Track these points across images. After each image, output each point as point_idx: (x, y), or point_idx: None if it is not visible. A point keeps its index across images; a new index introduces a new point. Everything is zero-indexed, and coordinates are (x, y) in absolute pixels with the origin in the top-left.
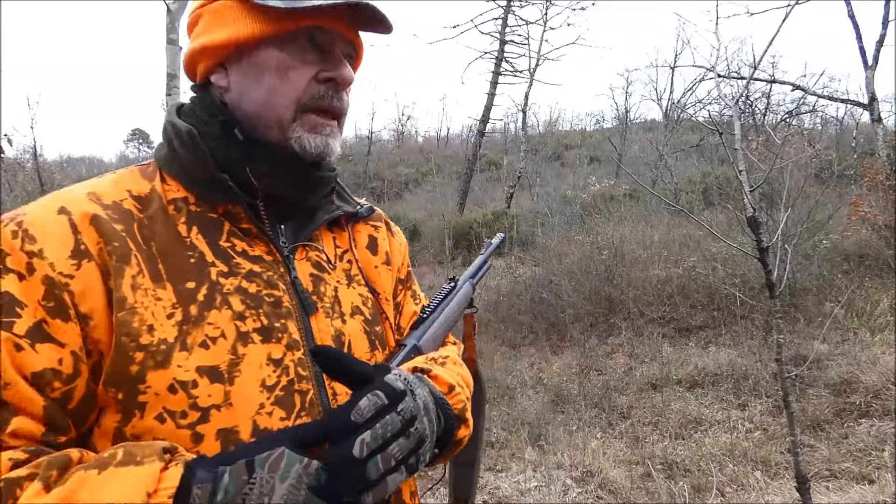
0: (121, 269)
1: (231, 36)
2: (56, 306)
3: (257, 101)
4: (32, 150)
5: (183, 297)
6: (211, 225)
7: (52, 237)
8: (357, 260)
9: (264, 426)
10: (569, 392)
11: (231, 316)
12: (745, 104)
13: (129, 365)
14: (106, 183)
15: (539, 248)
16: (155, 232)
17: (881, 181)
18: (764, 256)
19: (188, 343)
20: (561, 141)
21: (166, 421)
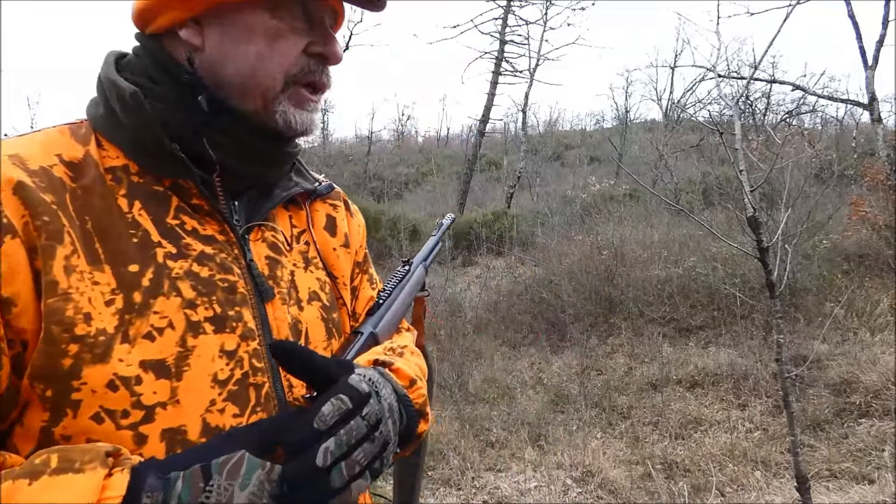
0: (51, 248)
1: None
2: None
3: (240, 68)
4: None
5: (125, 281)
6: (156, 199)
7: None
8: (315, 241)
9: (215, 424)
10: (569, 392)
11: (180, 304)
12: (746, 104)
13: (61, 358)
14: (31, 144)
15: (539, 248)
16: (90, 205)
17: (881, 181)
18: (764, 256)
19: (131, 334)
20: (561, 141)
21: (104, 421)
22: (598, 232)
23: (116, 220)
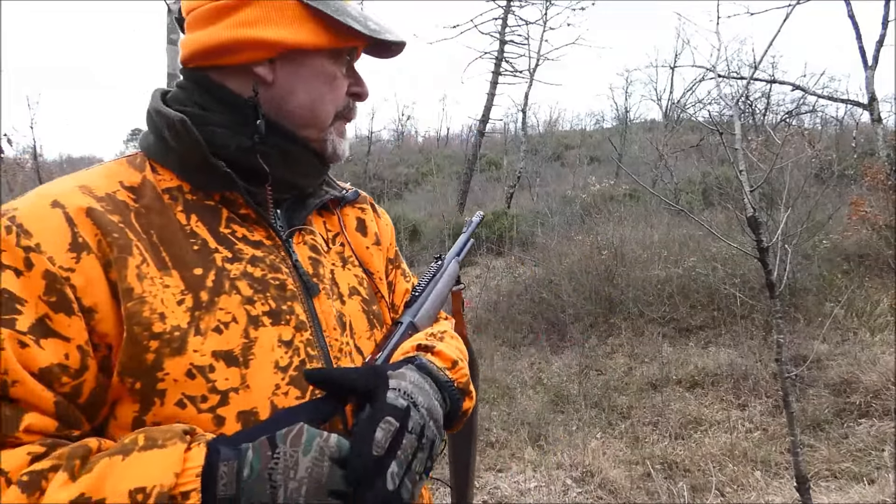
0: (123, 260)
1: (292, 38)
2: (58, 301)
3: (304, 102)
4: (32, 150)
5: (191, 283)
6: (209, 212)
7: (48, 231)
8: (349, 242)
9: (282, 406)
10: (569, 392)
11: (241, 301)
12: (745, 104)
13: (144, 354)
14: (96, 175)
15: (539, 248)
16: (152, 221)
17: (881, 181)
18: (764, 256)
19: (202, 328)
20: (561, 141)
21: (187, 406)
22: (598, 232)
23: (177, 232)
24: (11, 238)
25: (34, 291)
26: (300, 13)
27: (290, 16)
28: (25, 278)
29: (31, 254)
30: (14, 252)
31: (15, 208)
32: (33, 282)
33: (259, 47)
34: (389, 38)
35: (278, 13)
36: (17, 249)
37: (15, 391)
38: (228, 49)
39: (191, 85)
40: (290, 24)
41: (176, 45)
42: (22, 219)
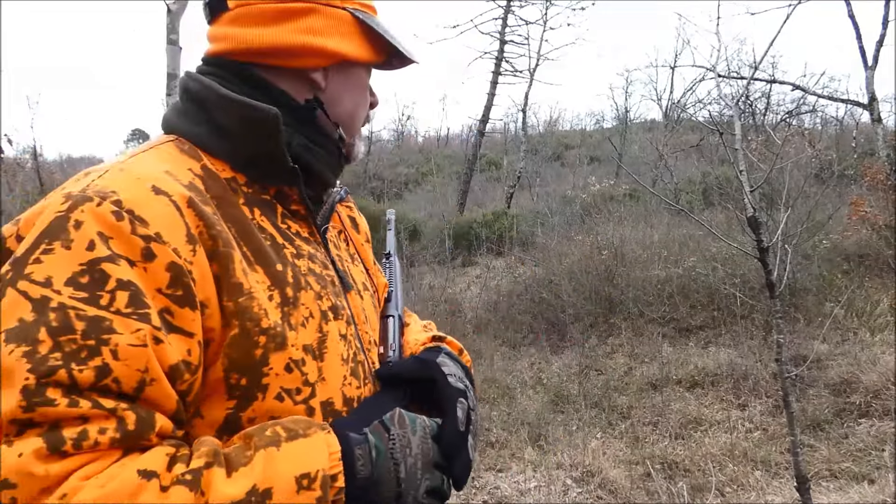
0: (230, 255)
1: (348, 51)
2: (184, 294)
3: (347, 110)
4: (32, 150)
5: (277, 279)
6: (267, 206)
7: (163, 220)
8: (353, 240)
9: (350, 396)
10: (569, 392)
11: (314, 296)
12: (745, 104)
13: (253, 349)
14: (166, 160)
15: (539, 248)
16: (228, 213)
17: (881, 181)
18: (764, 256)
19: (292, 323)
20: (561, 141)
21: (284, 399)
22: (598, 232)
23: (250, 226)
24: (125, 225)
25: (153, 284)
26: (355, 28)
27: (346, 30)
28: (141, 270)
29: (151, 244)
30: (129, 241)
31: (112, 191)
32: (153, 274)
33: (321, 55)
34: (416, 59)
35: (339, 25)
36: (135, 238)
37: (150, 391)
38: (291, 52)
39: (237, 80)
40: (346, 37)
41: (176, 45)
42: (131, 205)
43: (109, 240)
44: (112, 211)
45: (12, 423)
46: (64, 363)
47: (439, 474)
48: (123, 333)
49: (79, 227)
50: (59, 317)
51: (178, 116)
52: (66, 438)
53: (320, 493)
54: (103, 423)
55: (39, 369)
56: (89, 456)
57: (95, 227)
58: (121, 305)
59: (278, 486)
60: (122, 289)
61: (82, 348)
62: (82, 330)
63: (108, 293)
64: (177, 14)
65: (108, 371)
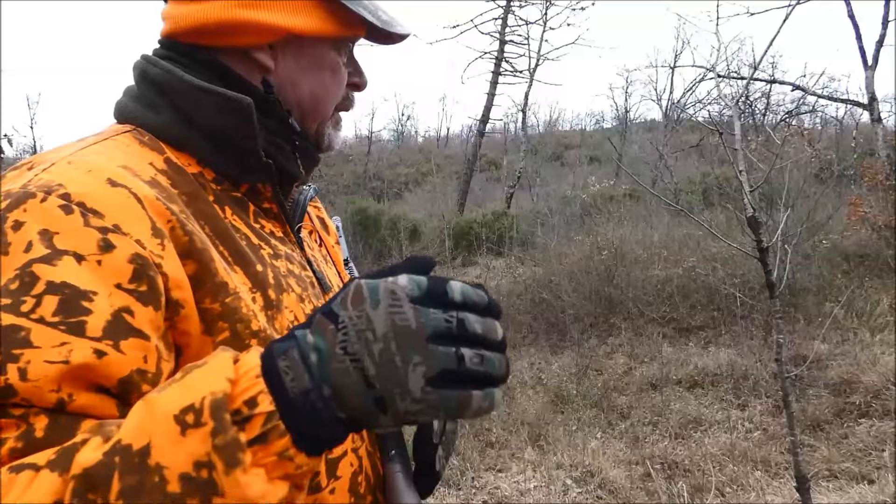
0: (208, 253)
1: (296, 24)
2: (148, 290)
3: (306, 93)
4: (32, 150)
5: (258, 281)
6: (238, 204)
7: (122, 211)
8: (324, 240)
9: None
10: (568, 392)
11: (296, 299)
12: (745, 104)
13: None
14: (123, 153)
15: (539, 248)
16: (200, 210)
17: (881, 181)
18: (764, 256)
19: (277, 328)
20: (561, 141)
21: None
22: (598, 232)
23: (224, 224)
24: (74, 218)
25: (111, 279)
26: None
27: (301, 1)
28: (93, 263)
29: (109, 234)
30: (81, 233)
31: (59, 184)
32: (111, 267)
33: (258, 31)
34: (399, 31)
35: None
36: (88, 230)
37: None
38: (228, 30)
39: (193, 64)
40: (294, 9)
41: None
42: (80, 196)
43: (54, 236)
44: (59, 205)
45: None
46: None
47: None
48: (41, 347)
49: (17, 229)
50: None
51: (134, 104)
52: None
53: (213, 424)
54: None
55: None
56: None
57: (37, 226)
58: (46, 312)
59: (157, 435)
60: (51, 293)
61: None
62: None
63: (34, 297)
64: None
65: (13, 392)
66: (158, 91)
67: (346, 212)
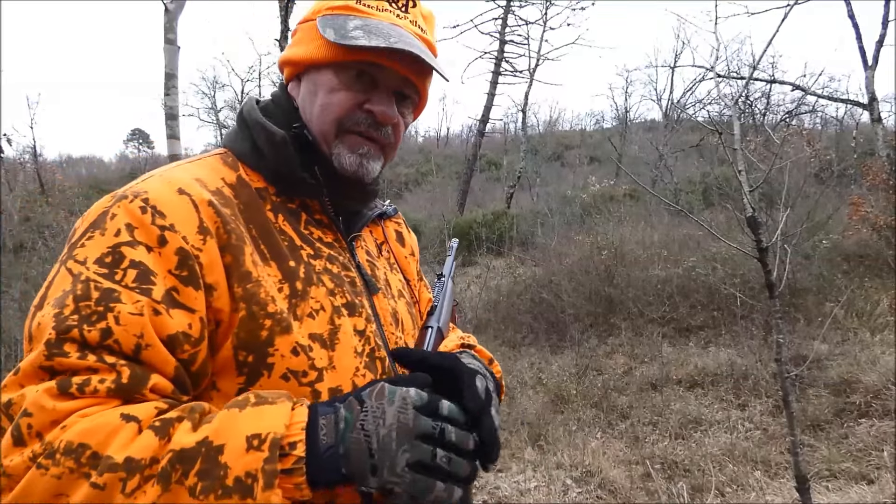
0: (240, 248)
1: (306, 55)
2: (189, 275)
3: (312, 114)
4: (32, 150)
5: (288, 274)
6: (292, 214)
7: (179, 213)
8: (393, 251)
9: (360, 386)
10: (568, 392)
11: (326, 292)
12: (745, 104)
13: (259, 331)
14: (202, 170)
15: (539, 248)
16: (251, 217)
17: (881, 181)
18: (764, 256)
19: (298, 314)
20: (561, 141)
21: (290, 380)
22: (598, 232)
23: (270, 228)
24: (147, 217)
25: (165, 266)
26: (315, 33)
27: (310, 37)
28: (156, 254)
29: (165, 232)
30: (148, 230)
31: (144, 191)
32: (165, 257)
33: (290, 65)
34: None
35: (306, 35)
36: (152, 227)
37: (146, 354)
38: (280, 66)
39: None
40: (309, 44)
41: (173, 45)
42: (154, 201)
43: (135, 229)
44: (139, 206)
45: (42, 370)
46: (78, 324)
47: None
48: (126, 303)
49: (113, 219)
50: (83, 287)
51: (232, 133)
52: (72, 383)
53: (268, 454)
54: (104, 375)
55: (60, 327)
56: (90, 400)
57: (125, 219)
58: (129, 280)
59: (231, 442)
60: (132, 267)
61: (93, 312)
62: (96, 298)
63: (122, 270)
64: (174, 13)
65: (111, 333)
66: (243, 125)
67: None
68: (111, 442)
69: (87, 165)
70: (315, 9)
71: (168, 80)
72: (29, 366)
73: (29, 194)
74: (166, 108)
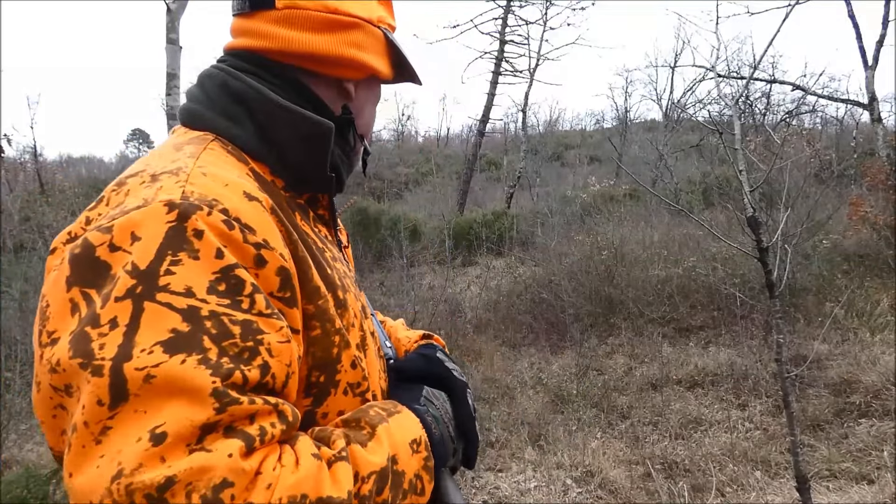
0: (307, 259)
1: (378, 66)
2: (291, 296)
3: (367, 121)
4: (32, 150)
5: (329, 282)
6: (303, 211)
7: (265, 226)
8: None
9: (383, 388)
10: (568, 392)
11: (353, 297)
12: (745, 104)
13: (331, 349)
14: (225, 164)
15: (539, 248)
16: (289, 220)
17: (881, 181)
18: (764, 256)
19: (346, 324)
20: (561, 141)
21: (349, 393)
22: (598, 232)
23: (299, 229)
24: (236, 234)
25: (267, 289)
26: (385, 48)
27: (380, 48)
28: (253, 275)
29: (262, 251)
30: (243, 250)
31: (215, 199)
32: (265, 279)
33: (359, 68)
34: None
35: (375, 42)
36: (246, 247)
37: (291, 383)
38: (336, 62)
39: (279, 83)
40: (379, 55)
41: (175, 45)
42: (237, 213)
43: (226, 248)
44: (223, 220)
45: (200, 429)
46: (235, 365)
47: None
48: (270, 333)
49: (200, 237)
50: (215, 324)
51: (214, 113)
52: (254, 436)
53: (426, 453)
54: (270, 419)
55: (220, 372)
56: (268, 449)
57: (215, 237)
58: (261, 307)
59: (400, 451)
60: (257, 292)
61: (244, 350)
62: (239, 333)
63: (247, 297)
64: (176, 13)
65: (268, 368)
66: (240, 103)
67: (347, 212)
68: (322, 485)
69: (87, 165)
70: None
71: (170, 80)
72: (184, 428)
73: (29, 194)
74: (167, 107)
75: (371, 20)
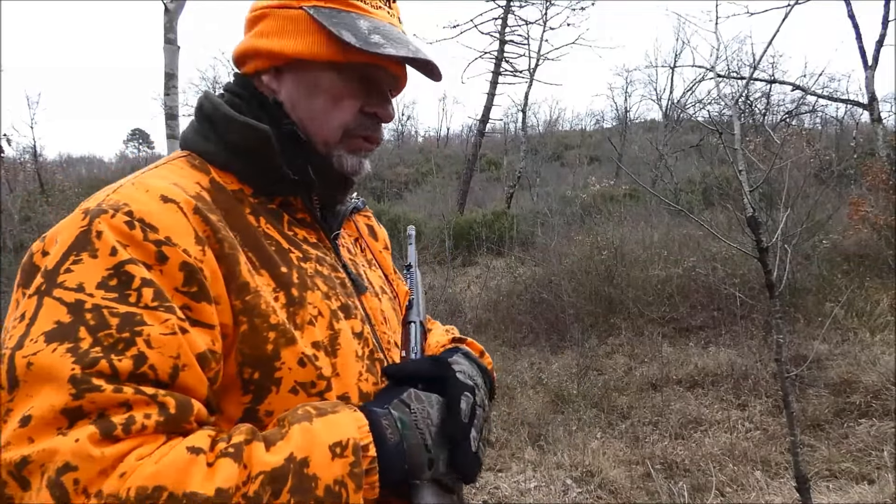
0: (235, 257)
1: (296, 49)
2: (199, 290)
3: (308, 115)
4: (32, 150)
5: (281, 281)
6: (273, 215)
7: (172, 225)
8: (370, 247)
9: (366, 391)
10: (568, 392)
11: (321, 296)
12: (745, 104)
13: (264, 345)
14: (173, 174)
15: (539, 248)
16: (234, 222)
17: (881, 181)
18: (764, 256)
19: (298, 322)
20: (561, 141)
21: (299, 393)
22: (598, 232)
23: (255, 233)
24: (137, 233)
25: (171, 284)
26: (307, 25)
27: (297, 28)
28: (157, 272)
29: (163, 247)
30: (143, 247)
31: (124, 203)
32: (168, 275)
33: (265, 58)
34: (389, 52)
35: (290, 24)
36: (146, 244)
37: (184, 376)
38: (244, 55)
39: (244, 92)
40: (295, 36)
41: (173, 45)
42: (140, 213)
43: (126, 247)
44: (125, 221)
45: (63, 414)
46: (104, 355)
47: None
48: (153, 325)
49: (100, 237)
50: (95, 316)
51: (192, 133)
52: (115, 424)
53: (353, 458)
54: (146, 409)
55: (84, 361)
56: (138, 440)
57: (114, 237)
58: (147, 300)
59: (315, 454)
60: (146, 286)
61: (119, 341)
62: (116, 325)
63: (135, 291)
64: (174, 13)
65: (144, 359)
66: (208, 122)
67: None
68: (188, 479)
69: (87, 165)
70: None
71: (168, 80)
72: (46, 412)
73: (29, 194)
74: (166, 107)
75: (286, 4)
